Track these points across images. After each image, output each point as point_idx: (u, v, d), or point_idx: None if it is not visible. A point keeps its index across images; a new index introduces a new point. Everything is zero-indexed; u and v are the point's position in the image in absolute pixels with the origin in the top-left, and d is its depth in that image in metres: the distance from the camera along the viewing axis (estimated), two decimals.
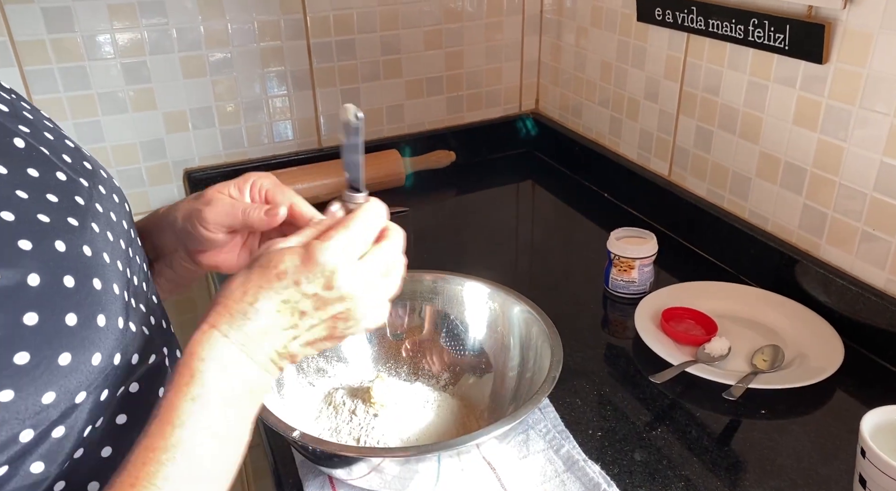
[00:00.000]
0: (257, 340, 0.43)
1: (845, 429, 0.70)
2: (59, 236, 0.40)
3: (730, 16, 0.91)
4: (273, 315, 0.44)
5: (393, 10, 1.24)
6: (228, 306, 0.43)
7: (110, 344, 0.41)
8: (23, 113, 0.47)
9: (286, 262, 0.44)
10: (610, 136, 1.25)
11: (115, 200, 0.50)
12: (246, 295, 0.44)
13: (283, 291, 0.44)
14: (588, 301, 0.95)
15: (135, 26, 1.08)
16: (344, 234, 0.46)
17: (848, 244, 0.84)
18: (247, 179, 0.56)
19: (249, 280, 0.44)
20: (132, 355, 0.44)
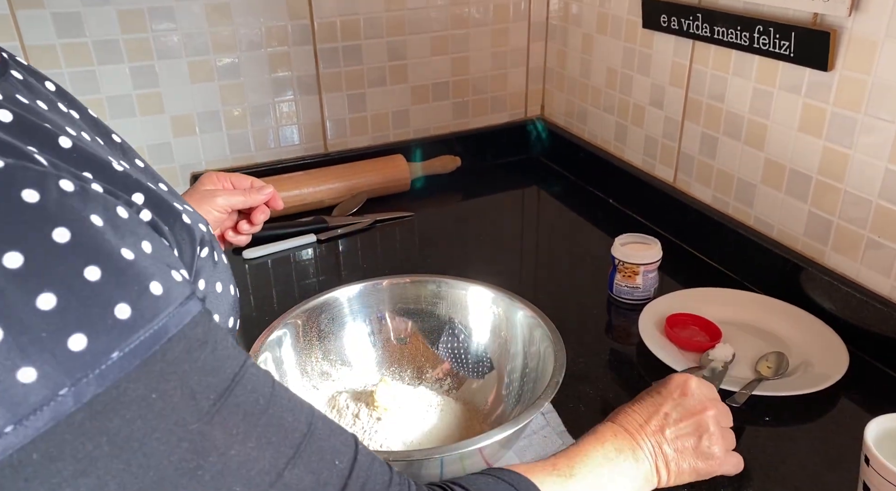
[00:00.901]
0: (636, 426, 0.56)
1: (849, 436, 0.70)
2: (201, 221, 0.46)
3: (735, 23, 0.91)
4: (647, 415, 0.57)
5: (399, 16, 1.25)
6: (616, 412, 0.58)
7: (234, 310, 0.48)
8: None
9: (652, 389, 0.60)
10: (615, 142, 1.25)
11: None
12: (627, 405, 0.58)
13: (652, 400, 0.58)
14: (592, 306, 0.95)
15: (144, 31, 1.09)
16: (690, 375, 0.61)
17: (853, 251, 0.84)
18: (227, 176, 0.78)
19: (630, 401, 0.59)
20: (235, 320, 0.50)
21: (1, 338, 0.28)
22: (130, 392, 0.31)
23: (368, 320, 0.77)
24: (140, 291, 0.32)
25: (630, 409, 0.57)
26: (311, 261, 1.09)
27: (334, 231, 1.15)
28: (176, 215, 0.40)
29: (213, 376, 0.33)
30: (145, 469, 0.31)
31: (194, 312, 0.34)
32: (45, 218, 0.30)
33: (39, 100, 0.41)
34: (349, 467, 0.38)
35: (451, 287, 0.77)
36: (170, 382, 0.32)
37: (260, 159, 1.25)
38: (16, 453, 0.28)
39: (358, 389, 0.73)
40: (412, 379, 0.76)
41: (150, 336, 0.31)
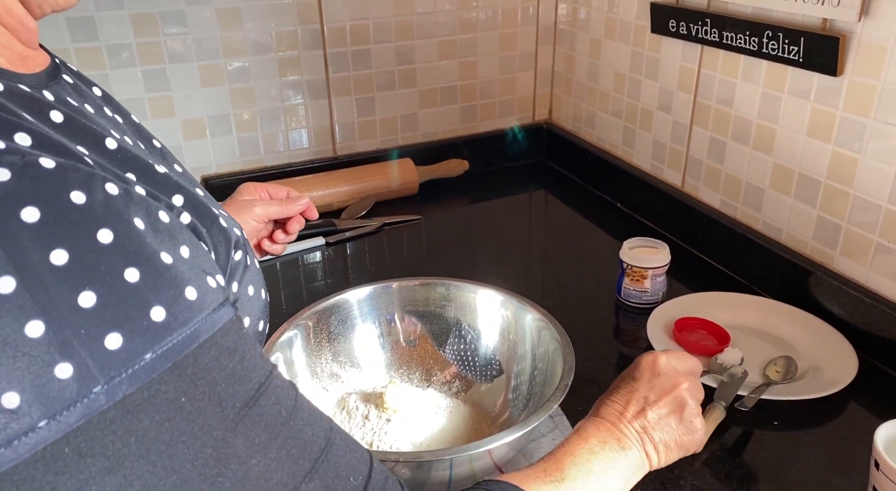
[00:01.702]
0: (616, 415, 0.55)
1: (859, 441, 0.70)
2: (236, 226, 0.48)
3: (744, 28, 0.91)
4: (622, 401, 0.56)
5: (408, 21, 1.26)
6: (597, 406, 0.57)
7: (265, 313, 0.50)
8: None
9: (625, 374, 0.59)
10: (623, 146, 1.25)
11: None
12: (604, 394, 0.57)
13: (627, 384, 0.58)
14: (600, 310, 0.95)
15: (156, 35, 1.10)
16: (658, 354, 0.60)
17: (862, 256, 0.84)
18: (264, 186, 0.78)
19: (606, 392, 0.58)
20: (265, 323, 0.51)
21: (42, 332, 0.28)
22: (161, 394, 0.31)
23: (378, 322, 0.78)
24: (176, 295, 0.32)
25: (608, 399, 0.56)
26: (319, 263, 1.10)
27: (343, 234, 1.15)
28: (213, 218, 0.41)
29: (239, 385, 0.34)
30: (169, 472, 0.31)
31: (226, 319, 0.34)
32: (91, 219, 0.31)
33: (87, 103, 0.42)
34: (363, 484, 0.38)
35: (460, 290, 0.77)
36: (199, 387, 0.32)
37: (269, 163, 1.26)
38: (48, 448, 0.29)
39: (367, 390, 0.73)
40: (421, 381, 0.76)
41: (182, 340, 0.32)
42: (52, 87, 0.39)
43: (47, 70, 0.41)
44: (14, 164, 0.29)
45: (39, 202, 0.29)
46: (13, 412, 0.28)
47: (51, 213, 0.29)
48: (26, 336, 0.28)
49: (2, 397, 0.28)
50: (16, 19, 0.38)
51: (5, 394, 0.28)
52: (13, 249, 0.28)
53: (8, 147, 0.30)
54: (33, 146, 0.31)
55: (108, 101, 0.48)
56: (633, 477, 0.53)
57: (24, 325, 0.28)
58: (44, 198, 0.29)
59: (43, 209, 0.29)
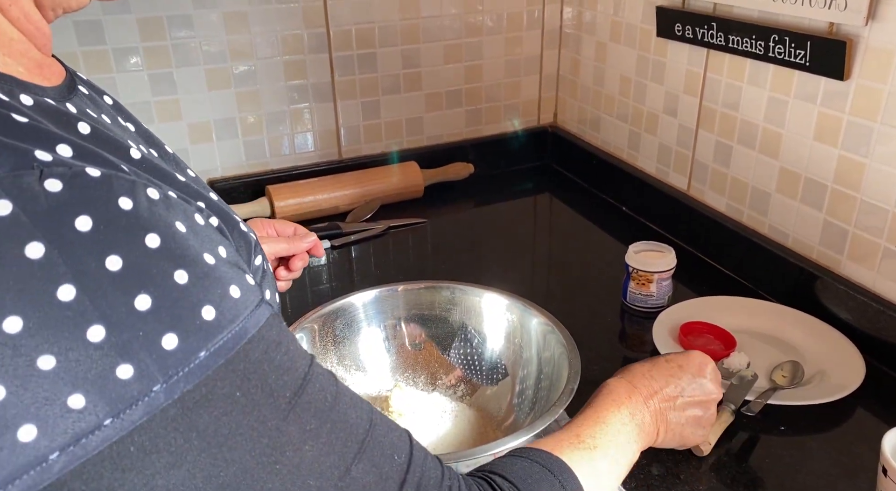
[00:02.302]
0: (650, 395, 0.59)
1: (866, 447, 0.69)
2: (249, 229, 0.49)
3: (750, 32, 0.91)
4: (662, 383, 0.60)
5: (414, 25, 1.26)
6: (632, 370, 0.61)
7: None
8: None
9: (671, 355, 0.64)
10: (629, 149, 1.25)
11: None
12: (645, 366, 0.61)
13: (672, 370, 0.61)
14: (606, 314, 0.95)
15: (162, 39, 1.11)
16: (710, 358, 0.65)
17: (869, 260, 0.84)
18: (271, 223, 0.78)
19: (647, 362, 0.62)
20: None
21: (104, 336, 0.30)
22: (218, 390, 0.32)
23: (383, 326, 0.78)
24: (222, 293, 0.33)
25: (647, 372, 0.60)
26: (324, 267, 1.10)
27: (348, 237, 1.15)
28: (234, 223, 0.42)
29: (288, 375, 0.35)
30: (229, 463, 0.33)
31: (267, 315, 0.36)
32: (138, 224, 0.32)
33: (104, 114, 0.43)
34: (407, 462, 0.39)
35: (466, 293, 0.77)
36: (251, 381, 0.34)
37: (275, 166, 1.27)
38: (114, 446, 0.30)
39: (373, 394, 0.73)
40: (426, 385, 0.76)
41: (232, 337, 0.33)
42: (72, 99, 0.40)
43: (66, 82, 0.41)
44: (64, 174, 0.30)
45: (91, 211, 0.30)
46: (80, 412, 0.29)
47: (102, 221, 0.30)
48: (88, 341, 0.29)
49: (68, 399, 0.29)
50: (33, 24, 0.39)
51: (71, 396, 0.29)
52: (71, 258, 0.29)
53: (55, 159, 0.31)
54: (75, 157, 0.32)
55: (119, 110, 0.48)
56: (640, 450, 0.57)
57: (86, 330, 0.29)
58: (94, 206, 0.30)
59: (95, 217, 0.30)
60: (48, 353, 0.29)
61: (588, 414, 0.54)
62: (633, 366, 0.61)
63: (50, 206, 0.29)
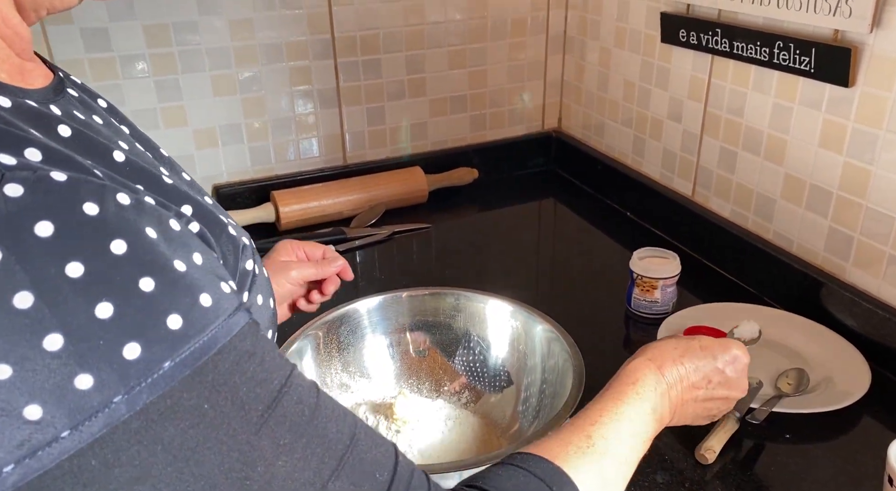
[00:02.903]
0: (674, 384, 0.56)
1: (872, 455, 0.69)
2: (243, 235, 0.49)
3: (755, 38, 0.91)
4: (692, 372, 0.56)
5: (418, 31, 1.27)
6: (663, 352, 0.57)
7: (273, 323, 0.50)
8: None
9: (706, 340, 0.59)
10: (633, 155, 1.25)
11: None
12: (676, 350, 0.57)
13: (703, 358, 0.57)
14: (610, 321, 0.95)
15: (168, 46, 1.11)
16: (743, 347, 0.61)
17: (875, 267, 0.83)
18: (301, 245, 0.77)
19: (678, 343, 0.58)
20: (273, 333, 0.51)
21: (61, 345, 0.29)
22: (184, 402, 0.31)
23: (387, 333, 0.78)
24: (191, 302, 0.33)
25: (678, 358, 0.56)
26: None
27: (352, 242, 1.16)
28: (222, 227, 0.41)
29: (261, 387, 0.34)
30: (197, 478, 0.32)
31: (242, 323, 0.35)
32: (104, 230, 0.31)
33: (95, 115, 0.42)
34: (389, 480, 0.38)
35: (470, 300, 0.77)
36: (221, 393, 0.33)
37: (280, 171, 1.27)
38: (74, 458, 0.29)
39: (377, 401, 0.73)
40: (430, 392, 0.76)
41: (200, 346, 0.32)
42: (58, 101, 0.40)
43: (52, 84, 0.41)
44: (27, 179, 0.30)
45: (53, 216, 0.30)
46: (36, 423, 0.29)
47: (64, 227, 0.30)
48: (45, 349, 0.29)
49: (24, 410, 0.28)
50: (11, 29, 0.38)
51: (27, 406, 0.28)
52: (29, 264, 0.29)
53: (19, 163, 0.30)
54: (43, 161, 0.31)
55: (113, 112, 0.48)
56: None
57: (43, 338, 0.29)
58: (57, 211, 0.30)
59: (56, 223, 0.30)
60: (3, 362, 0.28)
61: (606, 404, 0.51)
62: (662, 344, 0.57)
63: (9, 212, 0.29)
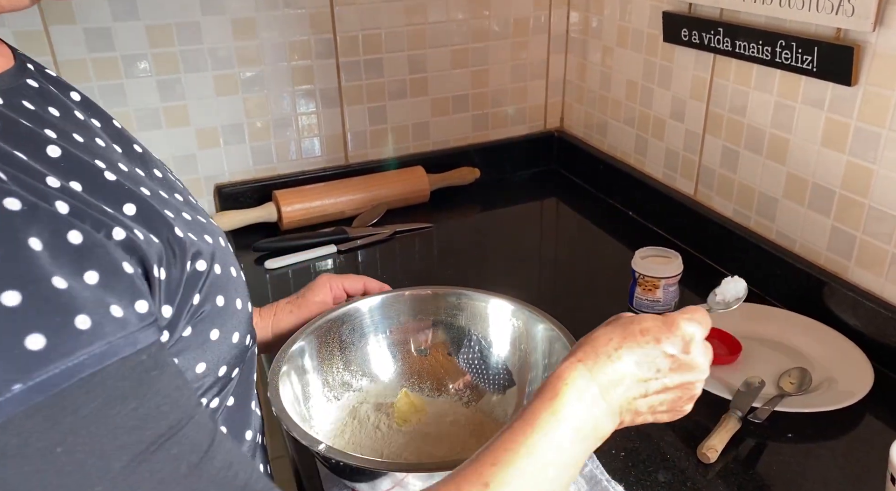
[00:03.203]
0: (614, 383, 0.47)
1: (875, 455, 0.69)
2: (220, 235, 0.48)
3: (757, 37, 0.91)
4: (633, 364, 0.48)
5: (420, 30, 1.27)
6: (595, 348, 0.48)
7: (251, 327, 0.49)
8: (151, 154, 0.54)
9: (648, 322, 0.50)
10: (635, 154, 1.25)
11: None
12: (612, 341, 0.49)
13: (645, 346, 0.48)
14: None
15: (171, 46, 1.11)
16: (698, 316, 0.52)
17: (878, 267, 0.83)
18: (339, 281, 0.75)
19: (614, 332, 0.49)
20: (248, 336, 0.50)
21: None
22: (33, 442, 0.28)
23: (389, 331, 0.78)
24: (61, 322, 0.29)
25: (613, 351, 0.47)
26: (331, 271, 1.10)
27: (354, 242, 1.16)
28: (168, 228, 0.39)
29: (130, 436, 0.30)
30: None
31: (125, 354, 0.31)
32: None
33: (52, 107, 0.41)
34: None
35: (472, 299, 0.77)
36: (80, 436, 0.29)
37: (282, 170, 1.27)
38: None
39: (379, 400, 0.73)
40: (432, 391, 0.76)
41: (61, 372, 0.29)
42: (6, 90, 0.39)
43: (9, 71, 0.40)
44: None
45: None
46: None
47: None
48: None
49: None
50: None
51: None
52: None
53: None
54: None
55: (86, 106, 0.46)
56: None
57: None
58: None
59: None
60: None
61: (514, 435, 0.43)
62: (596, 336, 0.49)
63: None
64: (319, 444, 0.57)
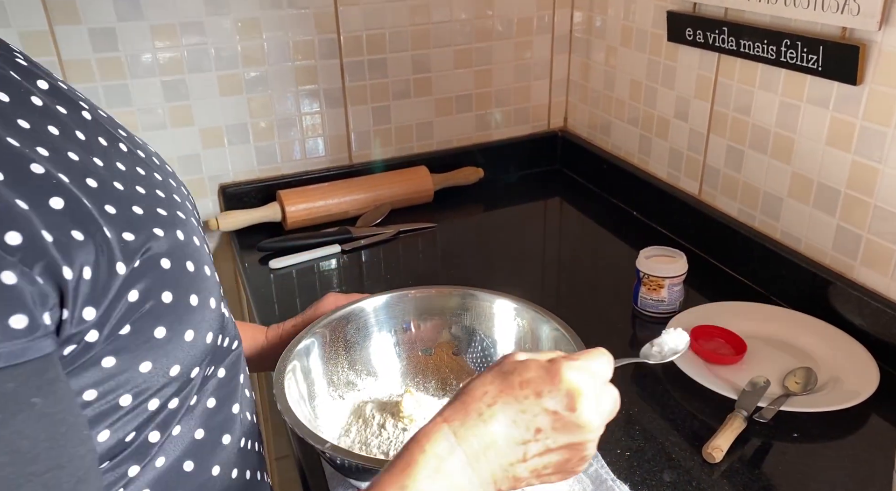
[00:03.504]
0: (485, 448, 0.42)
1: (880, 455, 0.69)
2: (178, 227, 0.45)
3: (762, 36, 0.91)
4: (508, 424, 0.42)
5: (424, 30, 1.27)
6: (466, 404, 0.43)
7: (216, 325, 0.46)
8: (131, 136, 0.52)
9: (531, 371, 0.43)
10: (639, 154, 1.25)
11: (197, 216, 0.55)
12: (486, 395, 0.43)
13: (523, 401, 0.42)
14: (617, 320, 0.95)
15: (175, 46, 1.12)
16: (592, 362, 0.44)
17: (883, 266, 0.83)
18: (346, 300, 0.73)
19: (492, 383, 0.43)
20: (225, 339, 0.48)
21: None
22: None
23: (394, 331, 0.78)
24: None
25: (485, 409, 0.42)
26: (335, 271, 1.11)
27: (358, 241, 1.16)
28: (97, 226, 0.38)
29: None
30: None
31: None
32: None
33: (4, 92, 0.39)
34: None
35: (477, 299, 0.77)
36: None
37: (286, 170, 1.27)
38: None
39: (384, 399, 0.73)
40: (437, 390, 0.76)
41: None
42: None
43: None
44: None
45: None
46: None
47: None
48: None
49: None
50: None
51: None
52: None
53: None
54: None
55: (54, 93, 0.44)
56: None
57: None
58: None
59: None
60: None
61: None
62: (471, 387, 0.43)
63: None
64: (325, 443, 0.57)
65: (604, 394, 0.45)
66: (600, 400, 0.44)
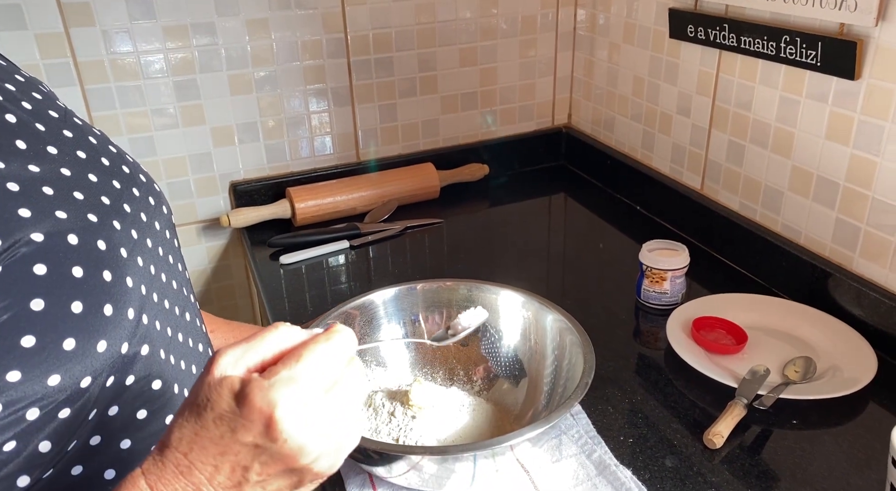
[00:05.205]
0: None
1: (878, 440, 0.71)
2: (73, 231, 0.42)
3: (762, 33, 0.92)
4: (210, 471, 0.36)
5: (430, 29, 1.29)
6: (163, 454, 0.37)
7: (118, 333, 0.41)
8: (73, 120, 0.52)
9: (223, 402, 0.36)
10: (642, 149, 1.27)
11: (151, 203, 0.53)
12: (182, 442, 0.37)
13: (219, 442, 0.36)
14: (620, 312, 0.97)
15: (187, 46, 1.14)
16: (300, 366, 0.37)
17: (882, 258, 0.85)
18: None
19: (187, 423, 0.37)
20: (142, 347, 0.44)
21: None
22: None
23: (402, 323, 0.80)
24: None
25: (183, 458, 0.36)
26: (343, 266, 1.13)
27: (366, 237, 1.18)
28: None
29: None
30: None
31: None
32: None
33: None
34: None
35: (483, 291, 0.79)
36: None
37: (295, 168, 1.30)
38: None
39: (393, 388, 0.76)
40: (444, 380, 0.79)
41: None
42: None
43: None
44: None
45: None
46: None
47: None
48: None
49: None
50: None
51: None
52: None
53: None
54: None
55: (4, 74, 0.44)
56: None
57: None
58: None
59: None
60: None
61: None
62: (168, 435, 0.37)
63: None
64: None
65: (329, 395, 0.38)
66: (318, 410, 0.37)
